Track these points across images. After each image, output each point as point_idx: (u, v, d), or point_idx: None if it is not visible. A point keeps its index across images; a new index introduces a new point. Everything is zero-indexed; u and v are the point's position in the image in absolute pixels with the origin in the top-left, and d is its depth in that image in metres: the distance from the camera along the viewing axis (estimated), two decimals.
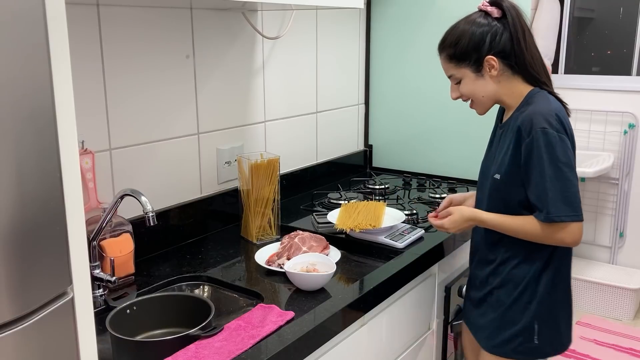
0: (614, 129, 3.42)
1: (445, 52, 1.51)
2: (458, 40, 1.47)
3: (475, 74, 1.47)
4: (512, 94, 1.49)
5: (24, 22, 0.70)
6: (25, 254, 0.72)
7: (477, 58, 1.45)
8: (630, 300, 3.22)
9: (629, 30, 3.44)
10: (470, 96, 1.52)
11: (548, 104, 1.42)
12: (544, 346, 1.52)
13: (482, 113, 1.56)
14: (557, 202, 1.37)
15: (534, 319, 1.50)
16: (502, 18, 1.45)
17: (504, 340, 1.53)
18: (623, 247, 3.52)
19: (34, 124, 0.72)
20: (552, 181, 1.37)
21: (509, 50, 1.44)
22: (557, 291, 1.51)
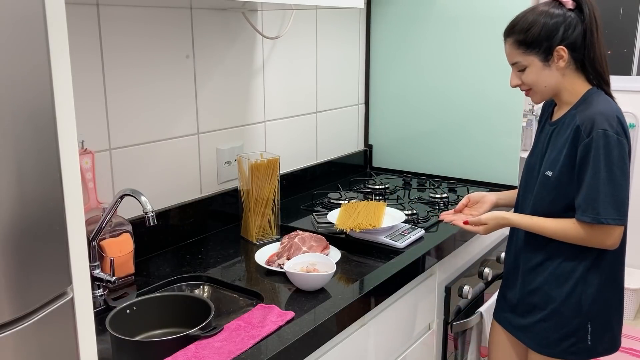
0: None
1: (514, 38, 1.47)
2: (530, 26, 1.44)
3: (543, 63, 1.45)
4: (572, 90, 1.48)
5: (24, 22, 0.70)
6: (25, 254, 0.72)
7: (548, 47, 1.43)
8: (631, 300, 3.22)
9: (629, 30, 3.44)
10: (533, 85, 1.49)
11: (609, 106, 1.43)
12: (596, 346, 1.51)
13: (538, 102, 1.54)
14: (607, 205, 1.38)
15: (587, 319, 1.49)
16: (575, 10, 1.43)
17: (556, 340, 1.52)
18: None
19: (34, 124, 0.72)
20: (605, 183, 1.38)
21: (580, 44, 1.43)
22: (609, 290, 1.51)
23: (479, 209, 1.69)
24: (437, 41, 2.40)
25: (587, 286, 1.48)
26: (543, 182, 1.50)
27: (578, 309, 1.49)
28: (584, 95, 1.47)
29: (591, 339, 1.50)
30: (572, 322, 1.50)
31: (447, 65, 2.39)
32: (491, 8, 2.24)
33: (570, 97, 1.49)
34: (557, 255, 1.51)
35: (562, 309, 1.50)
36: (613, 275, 1.52)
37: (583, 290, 1.48)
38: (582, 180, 1.41)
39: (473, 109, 2.36)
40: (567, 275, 1.49)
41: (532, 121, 3.52)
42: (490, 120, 2.32)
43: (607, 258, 1.49)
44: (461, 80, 2.36)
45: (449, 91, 2.41)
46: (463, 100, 2.38)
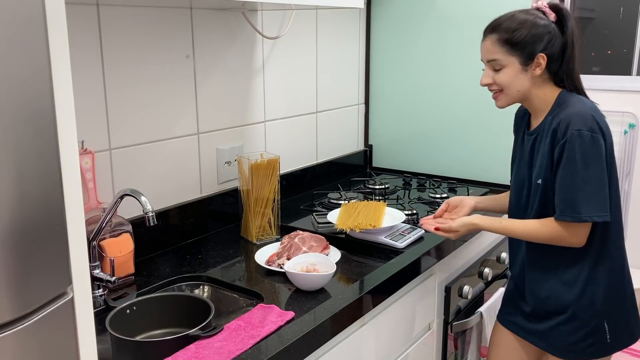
0: (614, 129, 3.41)
1: (499, 35, 1.46)
2: (518, 28, 1.44)
3: (522, 66, 1.45)
4: (543, 97, 1.49)
5: (24, 22, 0.70)
6: (25, 254, 0.72)
7: (531, 52, 1.44)
8: None
9: (629, 30, 3.44)
10: (505, 87, 1.48)
11: (583, 105, 1.44)
12: (617, 343, 1.52)
13: (502, 106, 1.53)
14: (587, 203, 1.39)
15: (603, 318, 1.49)
16: (557, 23, 1.46)
17: (576, 342, 1.52)
18: None
19: (34, 124, 0.72)
20: (584, 182, 1.39)
21: (557, 54, 1.45)
22: (619, 285, 1.51)
23: (458, 213, 1.69)
24: (437, 41, 2.40)
25: (596, 285, 1.49)
26: (536, 190, 1.51)
27: (592, 309, 1.49)
28: (557, 98, 1.48)
29: (610, 337, 1.50)
30: (589, 323, 1.50)
31: (447, 65, 2.39)
32: (491, 8, 2.23)
33: (542, 103, 1.50)
34: (560, 259, 1.51)
35: (577, 312, 1.50)
36: (620, 270, 1.52)
37: (594, 290, 1.49)
38: (560, 181, 1.42)
39: (473, 109, 2.36)
40: (575, 277, 1.50)
41: None
42: (490, 120, 2.32)
43: (610, 254, 1.49)
44: (461, 80, 2.36)
45: (449, 91, 2.41)
46: (463, 100, 2.38)
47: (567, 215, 1.41)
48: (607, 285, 1.49)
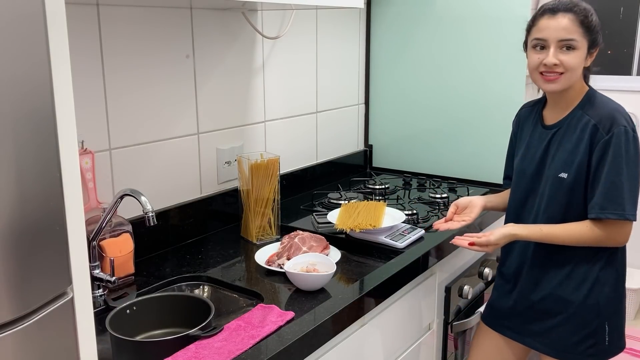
0: None
1: (577, 16, 1.42)
2: (590, 13, 1.45)
3: (587, 52, 1.46)
4: (579, 89, 1.50)
5: (24, 22, 0.70)
6: (25, 254, 0.72)
7: (595, 40, 1.46)
8: (631, 300, 3.22)
9: (629, 30, 3.44)
10: (571, 69, 1.44)
11: (616, 104, 1.46)
12: (612, 346, 1.52)
13: (559, 90, 1.47)
14: (630, 201, 1.39)
15: (605, 319, 1.49)
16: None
17: (574, 344, 1.51)
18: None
19: (34, 124, 0.72)
20: (627, 180, 1.38)
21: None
22: (620, 288, 1.52)
23: (469, 214, 1.66)
24: (437, 41, 2.40)
25: (602, 286, 1.48)
26: (556, 185, 1.48)
27: (597, 309, 1.49)
28: (586, 94, 1.49)
29: (608, 339, 1.50)
30: (592, 323, 1.50)
31: (447, 65, 2.39)
32: (491, 8, 2.24)
33: (575, 96, 1.50)
34: (571, 258, 1.50)
35: (582, 312, 1.50)
36: (623, 272, 1.53)
37: (600, 290, 1.48)
38: (600, 178, 1.40)
39: (473, 109, 2.36)
40: (583, 276, 1.49)
41: None
42: (490, 120, 2.32)
43: (618, 256, 1.50)
44: (461, 80, 2.36)
45: (449, 91, 2.41)
46: (463, 100, 2.38)
47: (611, 212, 1.39)
48: (612, 287, 1.49)
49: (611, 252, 1.48)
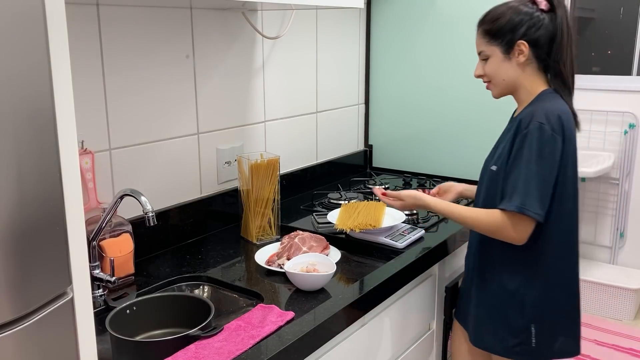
0: (614, 129, 3.41)
1: (483, 27, 1.51)
2: (498, 18, 1.47)
3: (504, 55, 1.48)
4: (530, 88, 1.49)
5: (24, 22, 0.70)
6: (25, 254, 0.72)
7: (510, 40, 1.45)
8: (630, 300, 3.22)
9: (629, 30, 3.44)
10: (492, 77, 1.51)
11: (555, 104, 1.44)
12: (542, 350, 1.51)
13: (496, 96, 1.56)
14: (533, 198, 1.39)
15: (530, 322, 1.50)
16: (549, 12, 1.45)
17: (502, 339, 1.53)
18: (623, 247, 3.52)
19: (34, 124, 0.72)
20: (534, 176, 1.39)
21: (543, 44, 1.45)
22: (554, 298, 1.50)
23: (445, 198, 1.76)
24: (437, 41, 2.40)
25: (530, 289, 1.49)
26: (490, 177, 1.52)
27: (521, 310, 1.50)
28: (538, 94, 1.48)
29: (536, 341, 1.50)
30: (516, 322, 1.51)
31: (447, 65, 2.39)
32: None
33: (527, 95, 1.50)
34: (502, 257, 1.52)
35: (508, 310, 1.51)
36: (562, 281, 1.51)
37: (526, 293, 1.49)
38: (512, 171, 1.42)
39: (473, 109, 2.36)
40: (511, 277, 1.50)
41: None
42: (490, 120, 2.32)
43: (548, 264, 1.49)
44: (461, 79, 2.36)
45: (449, 91, 2.41)
46: (463, 100, 2.38)
47: (512, 204, 1.40)
48: (542, 292, 1.49)
49: (537, 258, 1.48)
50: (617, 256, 3.55)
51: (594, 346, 2.97)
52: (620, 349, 2.95)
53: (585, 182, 3.54)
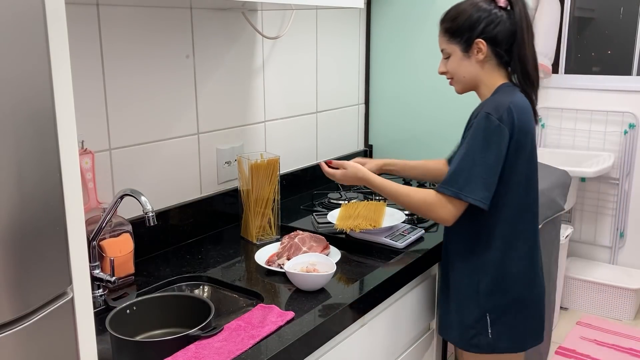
0: (614, 129, 3.41)
1: (443, 26, 1.53)
2: (457, 16, 1.49)
3: (463, 53, 1.50)
4: (490, 84, 1.51)
5: (24, 22, 0.70)
6: (25, 254, 0.72)
7: (469, 38, 1.47)
8: (630, 300, 3.22)
9: (629, 30, 3.44)
10: (454, 74, 1.54)
11: (509, 96, 1.45)
12: (498, 342, 1.51)
13: (459, 92, 1.59)
14: (472, 183, 1.40)
15: (485, 311, 1.50)
16: (507, 9, 1.47)
17: (463, 331, 1.55)
18: (623, 247, 3.52)
19: (34, 124, 0.72)
20: (478, 163, 1.40)
21: (502, 40, 1.46)
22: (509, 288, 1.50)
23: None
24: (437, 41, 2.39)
25: (484, 275, 1.50)
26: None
27: (475, 298, 1.51)
28: (496, 88, 1.50)
29: (492, 332, 1.51)
30: (472, 312, 1.52)
31: None
32: None
33: (487, 91, 1.52)
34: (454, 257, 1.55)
35: (464, 299, 1.53)
36: (516, 270, 1.50)
37: (480, 279, 1.50)
38: (457, 157, 1.43)
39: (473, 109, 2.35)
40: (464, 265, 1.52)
41: None
42: None
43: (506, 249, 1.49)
44: None
45: (449, 91, 2.39)
46: (463, 100, 2.38)
47: (448, 188, 1.41)
48: (496, 280, 1.49)
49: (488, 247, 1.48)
50: (617, 256, 3.55)
51: (593, 346, 2.97)
52: (620, 349, 2.95)
53: (585, 182, 3.54)
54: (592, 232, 3.60)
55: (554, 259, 2.70)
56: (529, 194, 1.49)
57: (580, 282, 3.32)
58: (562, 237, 2.93)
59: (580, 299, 3.35)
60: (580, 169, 3.11)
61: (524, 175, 1.47)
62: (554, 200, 2.59)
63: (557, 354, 2.92)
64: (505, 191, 1.44)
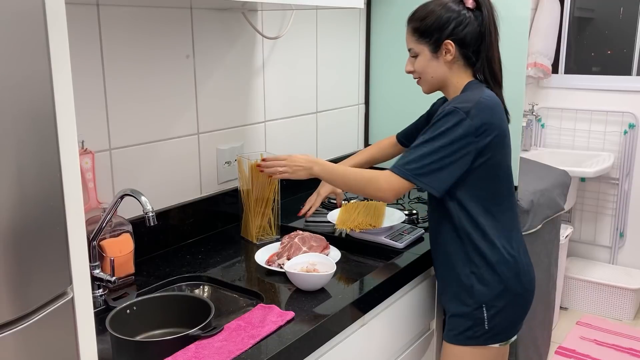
0: (614, 129, 3.42)
1: (411, 25, 1.52)
2: (426, 16, 1.49)
3: (432, 53, 1.50)
4: (458, 84, 1.51)
5: (24, 22, 0.70)
6: (25, 254, 0.72)
7: (437, 39, 1.47)
8: (630, 300, 3.22)
9: (629, 30, 3.44)
10: (421, 74, 1.54)
11: (479, 92, 1.44)
12: (495, 333, 1.52)
13: (426, 92, 1.59)
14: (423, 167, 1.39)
15: (481, 303, 1.50)
16: (475, 10, 1.47)
17: (456, 325, 1.54)
18: (623, 247, 3.52)
19: (34, 124, 0.72)
20: (432, 150, 1.39)
21: (470, 41, 1.47)
22: (497, 279, 1.49)
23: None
24: None
25: (477, 268, 1.49)
26: None
27: (471, 291, 1.50)
28: (464, 86, 1.50)
29: (488, 324, 1.51)
30: (468, 304, 1.51)
31: None
32: None
33: (455, 91, 1.52)
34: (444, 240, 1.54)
35: (460, 292, 1.53)
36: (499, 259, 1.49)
37: (473, 271, 1.50)
38: (416, 142, 1.43)
39: None
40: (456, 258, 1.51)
41: (532, 121, 3.52)
42: None
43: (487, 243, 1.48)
44: None
45: None
46: None
47: (397, 167, 1.42)
48: (488, 273, 1.49)
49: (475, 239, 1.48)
50: (617, 256, 3.55)
51: (593, 346, 2.97)
52: (620, 349, 2.95)
53: (585, 182, 3.54)
54: (592, 232, 3.60)
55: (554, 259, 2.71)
56: (503, 185, 1.50)
57: (580, 282, 3.32)
58: (562, 237, 2.93)
59: (580, 298, 3.35)
60: (580, 169, 3.11)
61: (497, 168, 1.47)
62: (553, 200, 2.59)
63: (557, 354, 2.92)
64: (477, 183, 1.45)
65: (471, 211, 1.47)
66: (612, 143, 3.44)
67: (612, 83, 3.41)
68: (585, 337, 3.06)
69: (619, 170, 3.43)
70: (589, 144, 3.50)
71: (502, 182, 1.50)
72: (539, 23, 3.39)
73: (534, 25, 3.38)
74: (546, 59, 3.43)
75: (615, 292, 3.25)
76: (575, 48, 3.68)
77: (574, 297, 3.37)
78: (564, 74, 3.61)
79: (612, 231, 3.52)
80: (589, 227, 3.60)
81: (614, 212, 3.50)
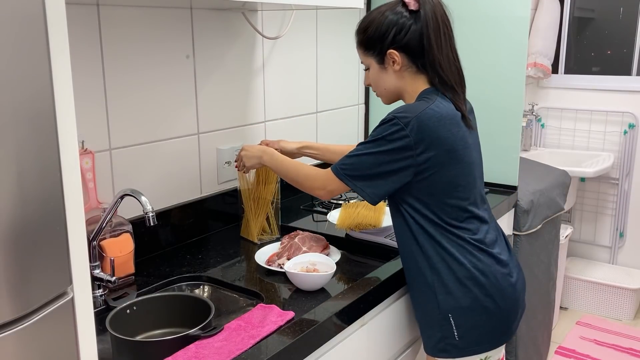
0: (614, 129, 3.42)
1: (357, 38, 1.45)
2: (367, 27, 1.42)
3: (379, 65, 1.43)
4: (412, 92, 1.43)
5: (24, 22, 0.70)
6: (25, 253, 0.72)
7: (381, 50, 1.40)
8: (630, 300, 3.22)
9: (629, 30, 3.44)
10: (375, 87, 1.48)
11: (423, 105, 1.35)
12: (466, 346, 1.42)
13: (386, 103, 1.52)
14: (357, 170, 1.36)
15: (447, 312, 1.40)
16: (418, 12, 1.37)
17: (429, 335, 1.46)
18: (623, 247, 3.52)
19: (34, 124, 0.72)
20: (371, 157, 1.34)
21: (414, 46, 1.37)
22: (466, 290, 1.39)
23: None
24: None
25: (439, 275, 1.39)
26: None
27: (435, 299, 1.40)
28: (417, 95, 1.42)
29: (458, 334, 1.40)
30: (434, 313, 1.42)
31: None
32: (491, 8, 2.24)
33: (411, 99, 1.44)
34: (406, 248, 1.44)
35: (426, 303, 1.43)
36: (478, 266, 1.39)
37: (437, 278, 1.39)
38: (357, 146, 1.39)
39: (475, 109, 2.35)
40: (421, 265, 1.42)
41: (532, 121, 3.52)
42: (490, 121, 2.32)
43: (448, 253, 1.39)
44: None
45: None
46: None
47: (335, 167, 1.40)
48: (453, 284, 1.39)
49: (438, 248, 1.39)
50: (617, 256, 3.55)
51: (593, 346, 2.97)
52: (620, 349, 2.96)
53: (585, 182, 3.54)
54: (591, 232, 3.60)
55: (553, 259, 2.71)
56: (461, 200, 1.39)
57: (580, 282, 3.32)
58: (562, 237, 2.93)
59: (580, 298, 3.35)
60: (580, 169, 3.11)
61: (447, 184, 1.37)
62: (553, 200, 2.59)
63: (557, 353, 2.92)
64: (425, 199, 1.37)
65: (427, 229, 1.38)
66: (612, 143, 3.44)
67: (612, 83, 3.41)
68: (585, 337, 3.06)
69: (618, 170, 3.43)
70: (589, 144, 3.50)
71: (459, 196, 1.38)
72: (538, 23, 3.39)
73: (533, 25, 3.39)
74: (546, 59, 3.43)
75: (615, 292, 3.25)
76: (575, 48, 3.68)
77: (573, 297, 3.37)
78: (563, 74, 3.61)
79: (612, 231, 3.53)
80: (588, 227, 3.60)
81: (613, 212, 3.51)
